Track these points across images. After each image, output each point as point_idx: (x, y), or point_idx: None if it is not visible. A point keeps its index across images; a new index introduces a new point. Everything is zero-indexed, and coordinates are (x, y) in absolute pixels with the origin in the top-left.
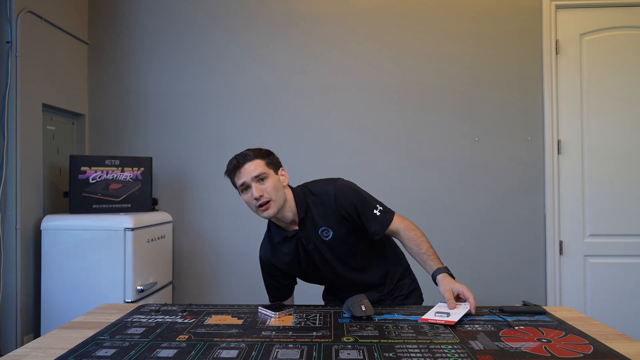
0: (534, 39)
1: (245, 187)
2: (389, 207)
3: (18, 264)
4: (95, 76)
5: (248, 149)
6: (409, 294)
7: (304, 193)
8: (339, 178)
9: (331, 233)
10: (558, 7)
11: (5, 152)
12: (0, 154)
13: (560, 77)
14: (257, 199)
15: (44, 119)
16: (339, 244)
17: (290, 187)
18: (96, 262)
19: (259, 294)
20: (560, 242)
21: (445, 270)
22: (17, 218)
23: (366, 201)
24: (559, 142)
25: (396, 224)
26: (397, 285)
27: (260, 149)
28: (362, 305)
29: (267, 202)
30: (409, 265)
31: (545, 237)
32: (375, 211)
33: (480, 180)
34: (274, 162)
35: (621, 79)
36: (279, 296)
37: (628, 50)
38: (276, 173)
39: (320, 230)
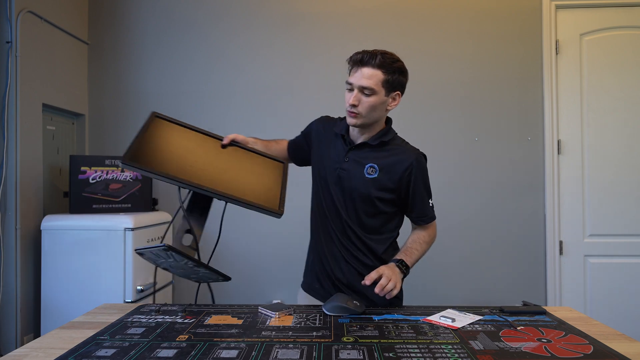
0: (534, 39)
1: (350, 88)
2: None
3: (18, 264)
4: (95, 76)
5: (382, 53)
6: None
7: (392, 134)
8: (424, 154)
9: (375, 175)
10: (558, 7)
11: (5, 152)
12: (0, 154)
13: (560, 77)
14: (350, 105)
15: (44, 119)
16: (369, 190)
17: (390, 120)
18: (96, 262)
19: (259, 293)
20: (560, 242)
21: (399, 262)
22: (17, 218)
23: (429, 189)
24: (559, 142)
25: (433, 223)
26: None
27: (393, 61)
28: (355, 301)
29: (356, 113)
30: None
31: (545, 237)
32: (430, 201)
33: (480, 180)
34: (392, 83)
35: (621, 79)
36: (289, 148)
37: (628, 50)
38: (387, 94)
39: (368, 166)
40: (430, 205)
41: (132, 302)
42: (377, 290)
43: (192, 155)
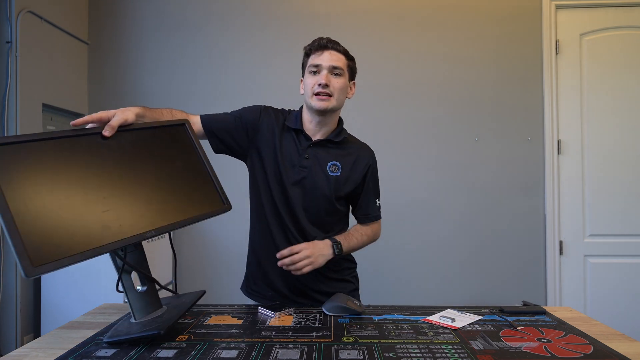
0: (534, 39)
1: (317, 70)
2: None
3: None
4: (95, 76)
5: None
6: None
7: (346, 131)
8: None
9: (338, 174)
10: (558, 7)
11: None
12: None
13: (560, 77)
14: (320, 85)
15: (44, 119)
16: (332, 188)
17: (341, 119)
18: (96, 262)
19: None
20: (560, 242)
21: (335, 243)
22: None
23: (378, 188)
24: (559, 142)
25: (377, 222)
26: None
27: (348, 51)
28: (355, 301)
29: (328, 95)
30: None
31: (545, 237)
32: (377, 201)
33: (480, 180)
34: (352, 69)
35: (621, 79)
36: (210, 122)
37: (628, 50)
38: (349, 80)
39: (330, 163)
40: (377, 205)
41: None
42: (281, 263)
43: (97, 180)
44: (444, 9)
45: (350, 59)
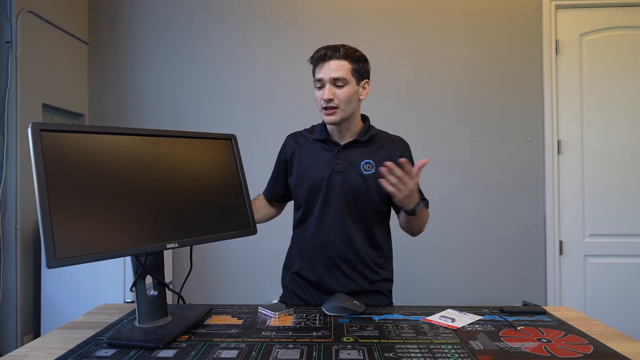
0: (534, 39)
1: (320, 84)
2: None
3: (18, 264)
4: (95, 76)
5: (342, 45)
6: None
7: (374, 128)
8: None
9: (372, 171)
10: (558, 7)
11: (5, 152)
12: (0, 154)
13: (560, 77)
14: (325, 101)
15: (44, 119)
16: (369, 186)
17: (367, 117)
18: (96, 262)
19: (259, 294)
20: (560, 242)
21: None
22: (17, 218)
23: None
24: (559, 142)
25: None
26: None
27: (356, 51)
28: (355, 301)
29: (334, 108)
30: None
31: (545, 237)
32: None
33: (480, 180)
34: (360, 71)
35: (621, 79)
36: (269, 190)
37: (628, 50)
38: (357, 83)
39: (363, 162)
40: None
41: (132, 302)
42: (386, 170)
43: (140, 182)
44: (444, 9)
45: (355, 61)
